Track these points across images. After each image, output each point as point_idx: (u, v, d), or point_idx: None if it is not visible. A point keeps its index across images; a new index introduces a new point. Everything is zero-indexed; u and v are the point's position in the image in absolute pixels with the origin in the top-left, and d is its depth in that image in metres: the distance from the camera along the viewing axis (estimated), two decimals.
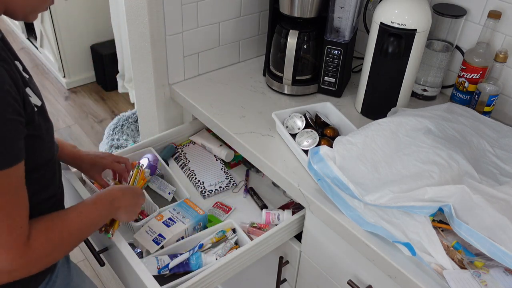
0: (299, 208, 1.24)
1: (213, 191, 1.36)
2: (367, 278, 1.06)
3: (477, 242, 0.89)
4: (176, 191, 1.33)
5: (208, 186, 1.38)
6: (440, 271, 0.90)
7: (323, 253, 1.16)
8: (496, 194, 0.98)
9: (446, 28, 1.38)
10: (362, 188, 1.01)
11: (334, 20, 1.37)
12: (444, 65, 1.42)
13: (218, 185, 1.38)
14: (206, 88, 1.49)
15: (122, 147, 2.70)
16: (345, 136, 1.11)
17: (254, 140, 1.26)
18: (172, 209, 1.22)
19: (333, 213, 1.04)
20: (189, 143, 1.53)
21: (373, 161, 1.07)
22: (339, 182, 1.00)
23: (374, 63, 1.29)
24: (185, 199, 1.25)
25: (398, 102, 1.33)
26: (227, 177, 1.42)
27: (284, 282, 1.34)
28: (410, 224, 0.97)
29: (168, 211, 1.21)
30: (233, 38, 1.57)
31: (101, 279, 2.07)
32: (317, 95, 1.49)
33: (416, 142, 1.09)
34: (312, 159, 1.06)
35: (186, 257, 1.08)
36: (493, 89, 1.29)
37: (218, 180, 1.40)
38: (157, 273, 1.06)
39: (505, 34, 1.31)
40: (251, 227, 1.24)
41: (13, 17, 0.81)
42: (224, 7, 1.47)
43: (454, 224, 0.94)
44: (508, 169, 1.11)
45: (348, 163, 1.05)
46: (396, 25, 1.20)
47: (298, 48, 1.36)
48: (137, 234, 1.14)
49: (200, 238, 1.16)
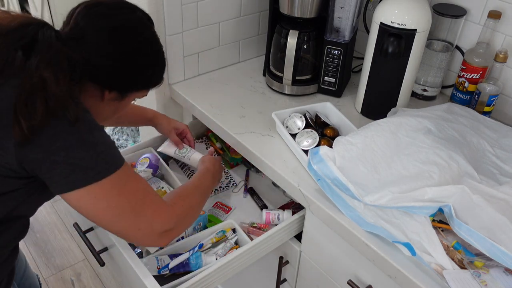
0: (299, 208, 1.24)
1: (213, 191, 1.36)
2: (367, 278, 1.06)
3: (477, 242, 0.89)
4: None
5: None
6: (440, 271, 0.90)
7: (323, 253, 1.16)
8: (496, 194, 0.98)
9: (446, 28, 1.38)
10: (361, 188, 1.01)
11: (334, 20, 1.37)
12: (444, 65, 1.42)
13: (218, 185, 1.38)
14: (206, 88, 1.49)
15: (122, 147, 2.70)
16: (344, 137, 1.11)
17: (254, 140, 1.26)
18: None
19: (333, 213, 1.04)
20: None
21: (373, 161, 1.07)
22: (339, 183, 1.00)
23: (374, 63, 1.29)
24: None
25: (398, 102, 1.33)
26: (227, 177, 1.42)
27: (284, 282, 1.34)
28: (410, 224, 0.97)
29: None
30: (233, 38, 1.57)
31: (101, 279, 2.07)
32: (317, 95, 1.49)
33: (416, 142, 1.09)
34: (312, 160, 1.06)
35: (186, 257, 1.08)
36: (493, 89, 1.29)
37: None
38: (157, 273, 1.06)
39: (505, 34, 1.31)
40: (251, 227, 1.24)
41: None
42: (224, 7, 1.47)
43: (454, 224, 0.94)
44: (508, 169, 1.11)
45: (348, 163, 1.05)
46: (396, 25, 1.20)
47: (298, 48, 1.36)
48: None
49: (200, 238, 1.16)
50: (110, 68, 0.89)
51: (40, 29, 0.82)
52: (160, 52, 0.97)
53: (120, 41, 0.89)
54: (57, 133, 0.78)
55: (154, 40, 0.95)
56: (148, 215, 0.88)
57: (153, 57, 0.96)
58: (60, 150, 0.78)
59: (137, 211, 0.87)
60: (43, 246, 2.20)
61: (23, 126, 0.75)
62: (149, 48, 0.94)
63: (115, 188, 0.84)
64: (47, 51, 0.80)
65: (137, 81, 0.96)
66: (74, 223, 1.22)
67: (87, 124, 0.82)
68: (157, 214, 0.90)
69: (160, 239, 0.91)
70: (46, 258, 2.15)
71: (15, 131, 0.75)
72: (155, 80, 0.99)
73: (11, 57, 0.79)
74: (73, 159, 0.79)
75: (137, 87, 0.97)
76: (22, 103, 0.75)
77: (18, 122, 0.75)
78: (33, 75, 0.77)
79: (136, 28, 0.92)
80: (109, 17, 0.89)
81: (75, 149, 0.79)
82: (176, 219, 0.93)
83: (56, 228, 2.30)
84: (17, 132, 0.75)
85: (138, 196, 0.88)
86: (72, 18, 0.89)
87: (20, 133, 0.75)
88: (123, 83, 0.93)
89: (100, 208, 0.84)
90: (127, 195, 0.86)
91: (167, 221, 0.91)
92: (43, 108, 0.76)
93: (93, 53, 0.87)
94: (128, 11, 0.92)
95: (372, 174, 1.04)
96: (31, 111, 0.75)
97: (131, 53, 0.91)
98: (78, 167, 0.79)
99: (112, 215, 0.85)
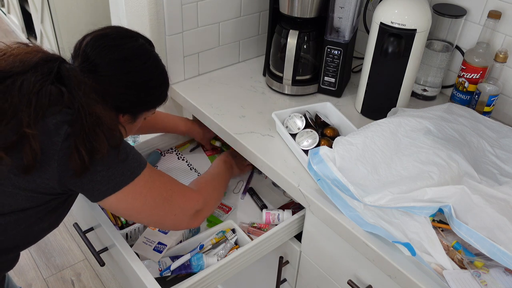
0: (299, 208, 1.24)
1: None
2: (367, 278, 1.06)
3: (476, 242, 0.89)
4: None
5: None
6: (440, 271, 0.90)
7: (323, 253, 1.16)
8: (495, 194, 0.98)
9: (446, 28, 1.38)
10: (361, 189, 1.01)
11: (334, 20, 1.37)
12: (444, 65, 1.42)
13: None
14: (206, 88, 1.49)
15: None
16: (344, 137, 1.11)
17: (254, 140, 1.26)
18: None
19: (333, 213, 1.04)
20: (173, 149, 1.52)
21: (373, 162, 1.07)
22: (338, 183, 1.00)
23: (374, 63, 1.29)
24: None
25: (398, 102, 1.33)
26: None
27: (284, 282, 1.34)
28: (410, 224, 0.97)
29: None
30: (233, 38, 1.57)
31: (101, 279, 2.07)
32: (317, 95, 1.49)
33: (416, 142, 1.09)
34: (312, 160, 1.06)
35: (187, 259, 1.08)
36: (493, 89, 1.29)
37: None
38: (159, 275, 1.06)
39: (505, 34, 1.31)
40: (251, 227, 1.24)
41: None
42: (224, 7, 1.47)
43: (454, 225, 0.94)
44: (507, 169, 1.11)
45: (348, 164, 1.05)
46: (396, 25, 1.20)
47: (298, 48, 1.36)
48: (136, 246, 1.12)
49: (201, 239, 1.16)
50: (123, 96, 0.96)
51: (61, 64, 0.89)
52: (164, 72, 1.03)
53: (131, 70, 0.96)
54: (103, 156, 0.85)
55: (158, 62, 1.02)
56: (179, 201, 1.00)
57: (160, 78, 1.03)
58: (102, 166, 0.85)
59: (170, 200, 0.97)
60: (43, 246, 2.20)
61: (84, 158, 0.81)
62: (156, 71, 1.01)
63: (147, 185, 0.93)
64: (80, 86, 0.86)
65: (147, 103, 1.03)
66: (74, 223, 1.22)
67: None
68: (187, 198, 1.02)
69: (193, 220, 1.04)
70: (46, 258, 2.15)
71: (74, 162, 0.81)
72: (163, 98, 1.06)
73: (52, 91, 0.84)
74: (112, 170, 0.87)
75: (148, 108, 1.04)
76: (82, 137, 0.82)
77: (78, 153, 0.81)
78: (87, 113, 0.83)
79: (143, 56, 0.98)
80: (116, 49, 0.94)
81: (114, 163, 0.87)
82: (203, 200, 1.06)
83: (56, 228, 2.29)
84: (76, 163, 0.81)
85: (167, 187, 0.98)
86: (81, 51, 0.94)
87: (81, 165, 0.81)
88: (135, 106, 1.01)
89: (138, 206, 0.93)
90: (158, 189, 0.95)
91: (197, 203, 1.04)
92: (105, 142, 0.84)
93: (107, 83, 0.93)
94: (132, 40, 0.98)
95: (372, 175, 1.04)
96: (95, 146, 0.82)
97: (141, 79, 0.98)
98: (115, 174, 0.87)
99: (150, 208, 0.95)
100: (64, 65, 0.89)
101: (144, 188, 0.92)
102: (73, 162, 0.81)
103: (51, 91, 0.84)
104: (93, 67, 0.92)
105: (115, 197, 0.89)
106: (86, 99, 0.85)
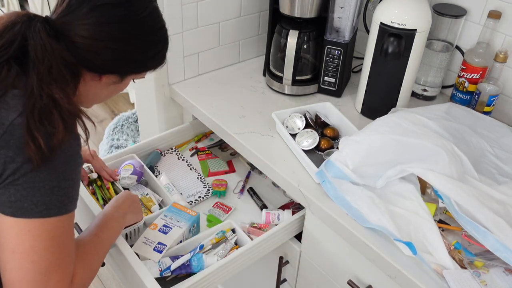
0: (299, 208, 1.24)
1: (193, 202, 1.34)
2: (367, 278, 1.06)
3: (480, 236, 0.89)
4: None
5: (187, 197, 1.35)
6: (440, 271, 0.90)
7: (323, 253, 1.16)
8: (494, 194, 0.99)
9: (446, 28, 1.38)
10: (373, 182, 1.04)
11: (334, 20, 1.37)
12: (444, 65, 1.42)
13: (197, 194, 1.36)
14: (206, 88, 1.49)
15: (122, 147, 2.70)
16: (350, 137, 1.11)
17: (254, 140, 1.26)
18: (163, 215, 1.17)
19: (333, 213, 1.04)
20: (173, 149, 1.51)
21: (384, 153, 1.06)
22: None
23: (374, 63, 1.29)
24: (173, 203, 1.21)
25: (398, 102, 1.33)
26: (205, 186, 1.39)
27: (284, 282, 1.34)
28: (412, 223, 0.97)
29: (160, 218, 1.16)
30: (233, 38, 1.57)
31: (101, 279, 2.07)
32: (317, 95, 1.49)
33: (424, 130, 1.09)
34: (328, 171, 1.06)
35: (188, 259, 1.08)
36: (493, 89, 1.29)
37: (196, 190, 1.37)
38: (159, 275, 1.06)
39: (505, 34, 1.31)
40: (251, 227, 1.24)
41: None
42: (224, 7, 1.47)
43: (459, 218, 0.93)
44: (507, 169, 1.11)
45: (359, 163, 1.05)
46: (396, 25, 1.20)
47: (298, 48, 1.36)
48: (136, 246, 1.11)
49: (200, 239, 1.16)
50: (109, 52, 0.80)
51: (28, 29, 0.75)
52: (163, 30, 0.87)
53: (120, 19, 0.80)
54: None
55: (156, 16, 0.86)
56: (54, 280, 0.77)
57: (156, 35, 0.87)
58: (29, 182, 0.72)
59: (50, 270, 0.76)
60: None
61: (41, 145, 0.70)
62: (152, 25, 0.85)
63: (51, 232, 0.75)
64: (43, 60, 0.74)
65: (138, 62, 0.87)
66: (74, 223, 1.22)
67: (68, 153, 0.76)
68: (60, 285, 0.78)
69: None
70: None
71: (30, 149, 0.70)
72: (158, 60, 0.90)
73: (4, 72, 0.74)
74: (32, 183, 0.72)
75: (137, 69, 0.89)
76: (36, 122, 0.71)
77: (33, 140, 0.70)
78: (42, 94, 0.73)
79: (137, 4, 0.82)
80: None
81: (41, 173, 0.72)
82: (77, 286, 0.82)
83: None
84: (32, 151, 0.70)
85: (65, 252, 0.78)
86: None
87: (37, 153, 0.70)
88: (124, 66, 0.85)
89: (25, 246, 0.73)
90: (56, 246, 0.76)
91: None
92: (62, 126, 0.72)
93: (90, 37, 0.78)
94: None
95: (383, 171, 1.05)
96: (49, 130, 0.71)
97: (132, 32, 0.82)
98: (31, 195, 0.72)
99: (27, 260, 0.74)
100: (32, 30, 0.75)
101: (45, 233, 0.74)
102: (29, 149, 0.71)
103: (5, 71, 0.74)
104: (74, 15, 0.77)
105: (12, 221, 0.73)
106: (42, 81, 0.73)
